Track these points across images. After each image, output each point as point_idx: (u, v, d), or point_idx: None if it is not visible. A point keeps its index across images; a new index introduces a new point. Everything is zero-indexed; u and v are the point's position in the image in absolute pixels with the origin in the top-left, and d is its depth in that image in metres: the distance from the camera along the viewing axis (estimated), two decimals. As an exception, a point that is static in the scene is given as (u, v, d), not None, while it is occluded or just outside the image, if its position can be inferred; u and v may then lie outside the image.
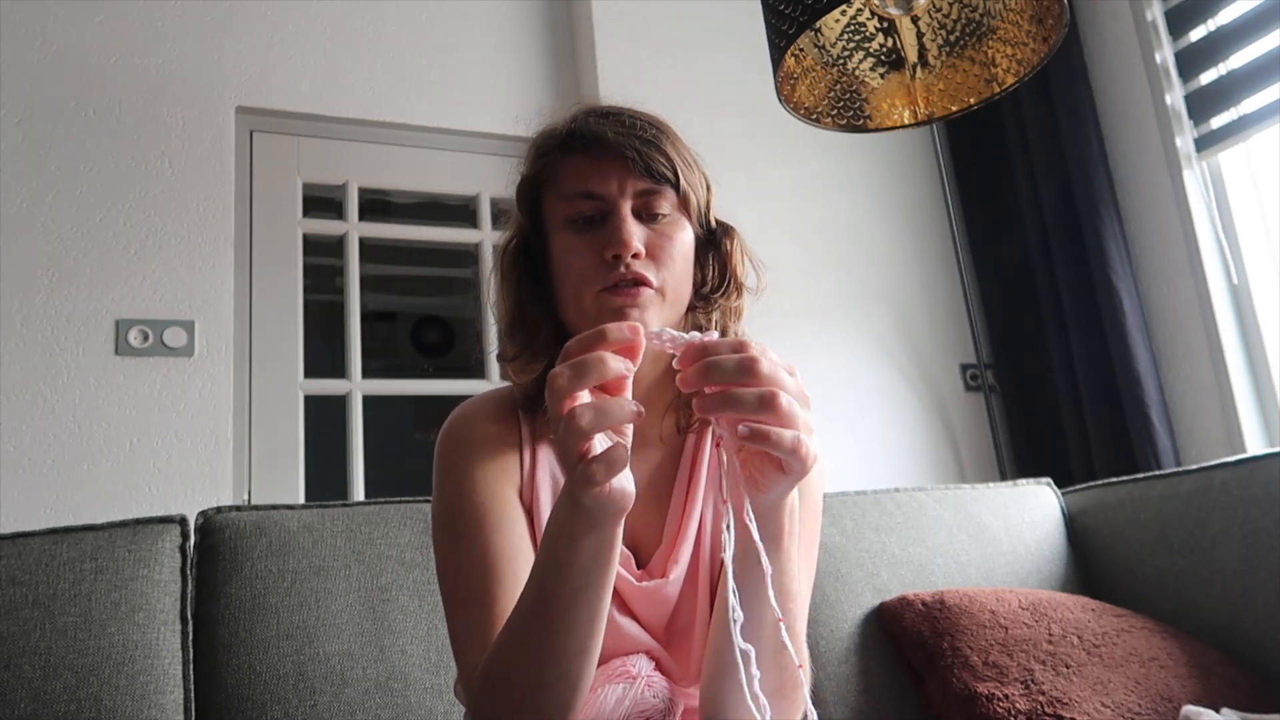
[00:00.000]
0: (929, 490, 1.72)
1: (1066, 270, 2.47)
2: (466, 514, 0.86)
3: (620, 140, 0.85)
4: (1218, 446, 2.25)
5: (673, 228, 0.88)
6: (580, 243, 0.86)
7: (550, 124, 0.93)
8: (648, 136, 0.86)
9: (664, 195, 0.87)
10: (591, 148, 0.86)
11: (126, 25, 2.20)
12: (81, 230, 2.05)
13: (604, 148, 0.86)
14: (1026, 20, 1.49)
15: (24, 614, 1.09)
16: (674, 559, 0.89)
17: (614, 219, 0.85)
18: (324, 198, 2.44)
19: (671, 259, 0.86)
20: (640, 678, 0.81)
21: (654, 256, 0.86)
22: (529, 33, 2.63)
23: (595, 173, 0.86)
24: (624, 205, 0.86)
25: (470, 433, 0.91)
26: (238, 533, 1.24)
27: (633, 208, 0.86)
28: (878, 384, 2.60)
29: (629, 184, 0.86)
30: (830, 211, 2.70)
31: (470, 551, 0.84)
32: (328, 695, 1.15)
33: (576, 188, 0.87)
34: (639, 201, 0.86)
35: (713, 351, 0.63)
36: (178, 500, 1.95)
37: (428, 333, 3.99)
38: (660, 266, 0.86)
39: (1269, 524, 1.46)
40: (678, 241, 0.87)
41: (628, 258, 0.84)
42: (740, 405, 0.61)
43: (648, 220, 0.87)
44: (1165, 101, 2.39)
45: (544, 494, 0.90)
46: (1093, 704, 1.27)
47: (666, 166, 0.86)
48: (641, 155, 0.85)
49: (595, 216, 0.86)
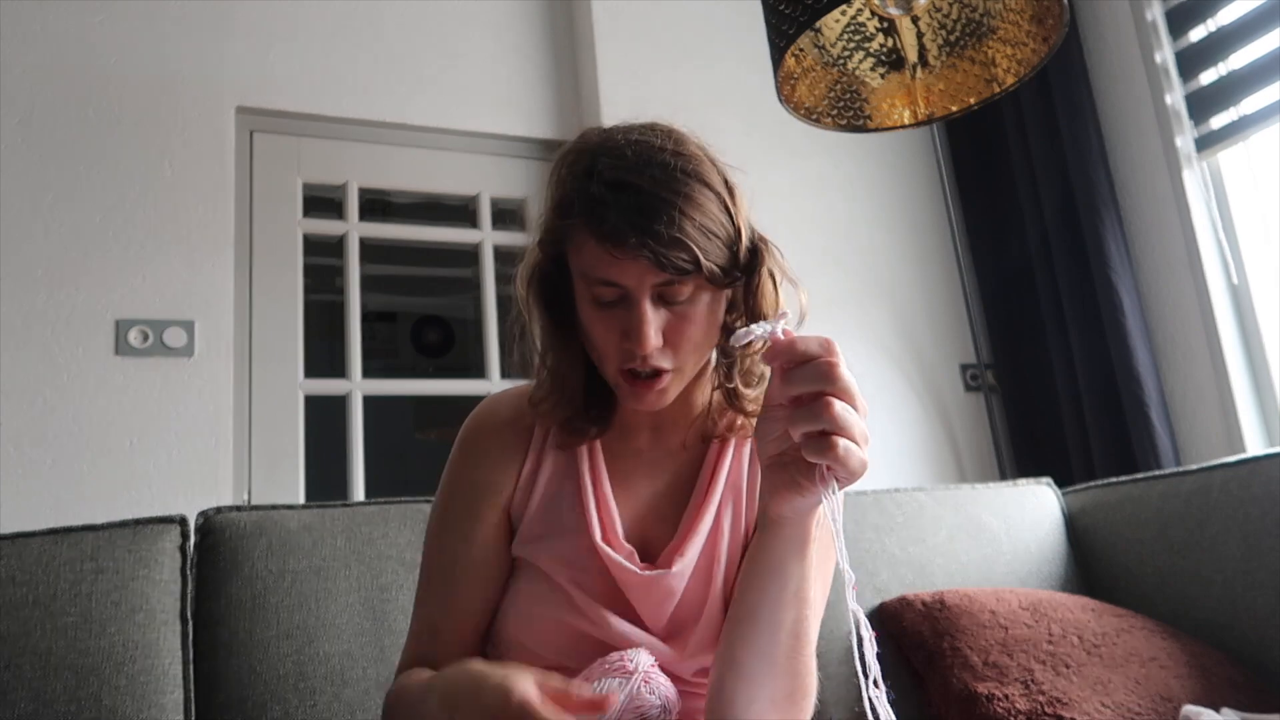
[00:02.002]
0: (929, 490, 1.72)
1: (1066, 270, 2.46)
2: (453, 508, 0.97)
3: (636, 240, 0.81)
4: (1218, 446, 2.25)
5: (693, 307, 0.86)
6: (602, 323, 0.86)
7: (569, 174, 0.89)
8: (670, 235, 0.81)
9: (685, 282, 0.84)
10: (610, 242, 0.82)
11: (126, 25, 2.20)
12: (81, 230, 2.05)
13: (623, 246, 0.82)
14: (1026, 20, 1.49)
15: (24, 614, 1.09)
16: (680, 553, 0.91)
17: (636, 311, 0.84)
18: (324, 198, 2.44)
19: (689, 339, 0.86)
20: (638, 673, 0.81)
21: (672, 342, 0.85)
22: (529, 33, 2.63)
23: (616, 266, 0.83)
24: (644, 300, 0.84)
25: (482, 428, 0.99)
26: (238, 533, 1.24)
27: (652, 294, 0.84)
28: (877, 384, 2.60)
29: (648, 279, 0.83)
30: (830, 211, 2.70)
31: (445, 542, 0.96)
32: (328, 695, 1.15)
33: (598, 273, 0.85)
34: (658, 290, 0.84)
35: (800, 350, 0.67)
36: (178, 500, 1.95)
37: (428, 333, 3.99)
38: (678, 351, 0.86)
39: (1269, 524, 1.46)
40: (696, 320, 0.86)
41: (644, 352, 0.84)
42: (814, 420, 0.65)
43: (668, 304, 0.85)
44: (1165, 101, 2.39)
45: (545, 479, 0.95)
46: (1093, 704, 1.27)
47: (687, 260, 0.82)
48: (658, 256, 0.81)
49: (616, 300, 0.85)
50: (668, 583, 0.89)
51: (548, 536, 0.93)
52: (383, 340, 3.92)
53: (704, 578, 0.91)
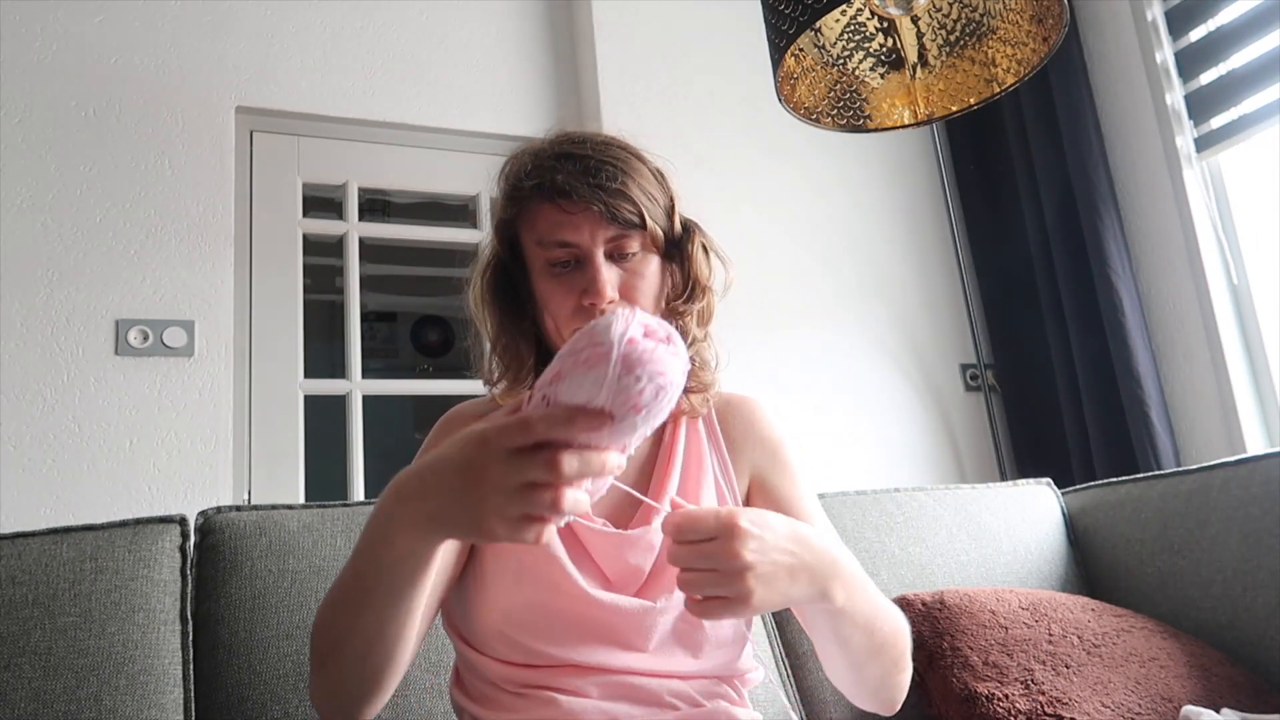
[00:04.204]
0: (929, 490, 1.72)
1: (1066, 270, 2.46)
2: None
3: (588, 194, 0.91)
4: (1218, 446, 2.25)
5: (642, 264, 0.95)
6: (559, 287, 0.94)
7: (520, 163, 0.98)
8: (614, 186, 0.92)
9: (632, 237, 0.94)
10: (562, 198, 0.92)
11: (126, 25, 2.20)
12: (81, 230, 2.05)
13: (573, 200, 0.91)
14: (1026, 20, 1.49)
15: (24, 614, 1.09)
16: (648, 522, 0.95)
17: (589, 268, 0.92)
18: (324, 198, 2.44)
19: (642, 294, 0.95)
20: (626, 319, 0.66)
21: (626, 296, 0.93)
22: (529, 32, 2.63)
23: (568, 223, 0.92)
24: (597, 253, 0.92)
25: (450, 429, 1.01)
26: (238, 533, 1.24)
27: (604, 251, 0.93)
28: (877, 384, 2.60)
29: (600, 232, 0.92)
30: (830, 211, 2.70)
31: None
32: (328, 695, 1.15)
33: (552, 235, 0.93)
34: (610, 245, 0.93)
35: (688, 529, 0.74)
36: (178, 500, 1.95)
37: (428, 333, 3.99)
38: (632, 305, 0.92)
39: (1269, 524, 1.46)
40: (647, 276, 0.95)
41: (602, 305, 0.91)
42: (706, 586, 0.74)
43: (619, 260, 0.94)
44: (1165, 101, 2.39)
45: None
46: (1093, 704, 1.27)
47: (633, 211, 0.92)
48: (608, 207, 0.91)
49: (571, 261, 0.94)
50: (649, 539, 0.94)
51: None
52: (383, 340, 3.92)
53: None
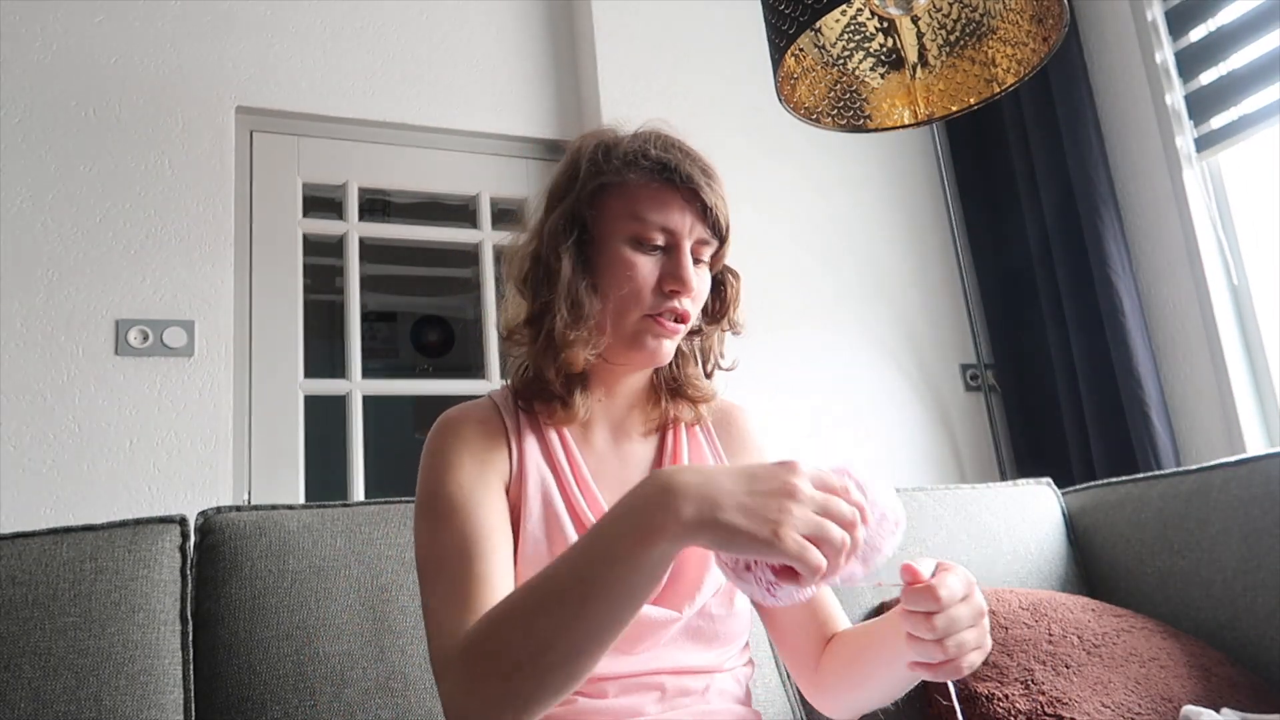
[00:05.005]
0: (929, 490, 1.72)
1: (1066, 270, 2.46)
2: (450, 495, 0.89)
3: (702, 187, 0.92)
4: (1218, 446, 2.25)
5: (704, 276, 0.97)
6: (644, 264, 0.93)
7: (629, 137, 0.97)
8: (717, 189, 0.94)
9: (712, 245, 0.96)
10: (680, 182, 0.92)
11: (126, 25, 2.20)
12: (81, 230, 2.05)
13: (688, 187, 0.92)
14: (1026, 20, 1.49)
15: (24, 614, 1.09)
16: None
17: (680, 256, 0.93)
18: (324, 198, 2.44)
19: (700, 300, 0.97)
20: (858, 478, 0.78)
21: (693, 297, 0.95)
22: (529, 32, 2.63)
23: (675, 206, 0.92)
24: (687, 245, 0.93)
25: (458, 428, 0.95)
26: (238, 533, 1.24)
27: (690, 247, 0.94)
28: (878, 384, 2.60)
29: (695, 227, 0.94)
30: (830, 211, 2.70)
31: (451, 524, 0.87)
32: (328, 695, 1.15)
33: (654, 214, 0.92)
34: (695, 245, 0.94)
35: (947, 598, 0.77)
36: (178, 500, 1.95)
37: (428, 333, 3.99)
38: (695, 306, 0.96)
39: (1269, 524, 1.46)
40: (705, 289, 0.98)
41: (687, 295, 0.93)
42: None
43: (695, 262, 0.95)
44: (1165, 101, 2.39)
45: (532, 483, 0.94)
46: (1093, 704, 1.27)
47: (724, 222, 0.95)
48: (710, 208, 0.93)
49: (658, 245, 0.93)
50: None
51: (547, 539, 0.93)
52: (383, 340, 3.92)
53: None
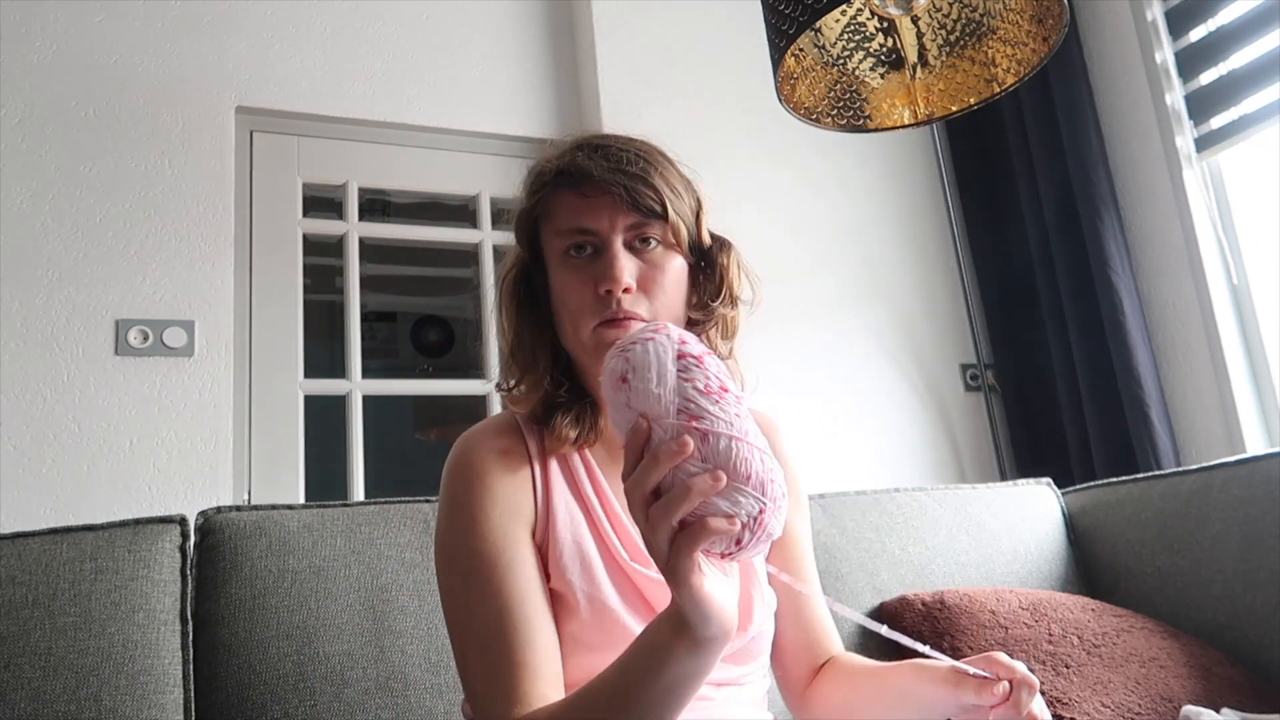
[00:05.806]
0: (929, 490, 1.72)
1: (1066, 270, 2.46)
2: (479, 553, 0.86)
3: (608, 177, 0.89)
4: (1218, 446, 2.25)
5: (663, 258, 0.92)
6: (575, 278, 0.90)
7: (545, 157, 0.97)
8: (635, 171, 0.90)
9: (653, 227, 0.91)
10: (582, 184, 0.90)
11: (126, 25, 2.20)
12: (81, 230, 2.05)
13: (594, 184, 0.89)
14: (1026, 20, 1.49)
15: (24, 614, 1.09)
16: None
17: (607, 254, 0.89)
18: (324, 198, 2.44)
19: (662, 289, 0.90)
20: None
21: (645, 289, 0.90)
22: (529, 33, 2.63)
23: (587, 209, 0.90)
24: (615, 240, 0.89)
25: (479, 463, 0.91)
26: (238, 533, 1.24)
27: (624, 241, 0.90)
28: (878, 384, 2.60)
29: (619, 219, 0.90)
30: (830, 211, 2.70)
31: (485, 591, 0.85)
32: (328, 695, 1.15)
33: (570, 223, 0.91)
34: (630, 234, 0.90)
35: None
36: (178, 500, 1.95)
37: (428, 333, 3.99)
38: (652, 298, 0.90)
39: (1269, 524, 1.46)
40: (668, 270, 0.91)
41: (619, 293, 0.88)
42: None
43: (639, 250, 0.91)
44: (1165, 101, 2.39)
45: (561, 524, 0.90)
46: (1093, 704, 1.27)
47: (654, 200, 0.89)
48: (629, 191, 0.88)
49: (589, 250, 0.90)
50: None
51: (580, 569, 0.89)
52: (383, 340, 3.92)
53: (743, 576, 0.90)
